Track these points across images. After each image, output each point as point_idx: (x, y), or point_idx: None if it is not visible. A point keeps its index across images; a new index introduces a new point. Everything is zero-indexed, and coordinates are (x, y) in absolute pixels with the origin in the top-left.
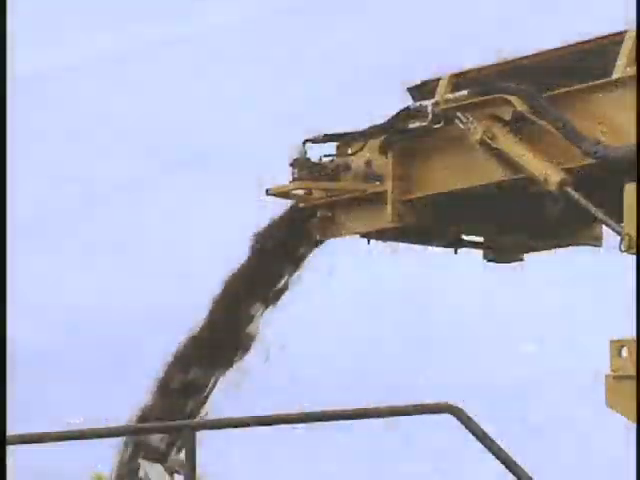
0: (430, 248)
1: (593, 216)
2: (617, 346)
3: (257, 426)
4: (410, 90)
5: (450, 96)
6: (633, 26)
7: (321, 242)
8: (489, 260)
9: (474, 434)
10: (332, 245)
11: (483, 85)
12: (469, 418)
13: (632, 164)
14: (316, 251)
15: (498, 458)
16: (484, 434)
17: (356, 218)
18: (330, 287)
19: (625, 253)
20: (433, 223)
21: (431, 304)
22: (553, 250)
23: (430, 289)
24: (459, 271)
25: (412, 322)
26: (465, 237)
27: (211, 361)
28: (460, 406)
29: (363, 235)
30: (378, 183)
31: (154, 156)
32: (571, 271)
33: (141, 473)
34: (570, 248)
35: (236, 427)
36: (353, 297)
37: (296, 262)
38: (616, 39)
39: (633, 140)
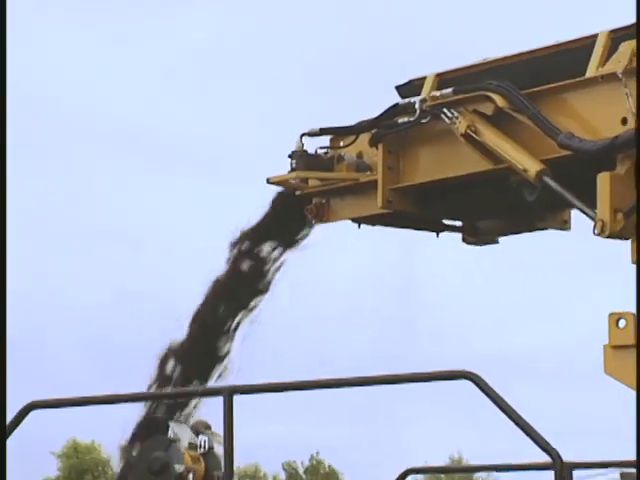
0: (414, 232)
1: (568, 203)
2: (615, 318)
3: (292, 390)
4: (398, 88)
5: (436, 93)
6: (607, 27)
7: (313, 226)
8: (468, 243)
9: (492, 399)
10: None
11: (467, 83)
12: (486, 384)
13: (603, 156)
14: (309, 235)
15: (515, 422)
16: (501, 399)
17: (348, 205)
18: (322, 268)
19: (598, 236)
20: (419, 209)
21: (415, 283)
22: (525, 234)
23: (414, 269)
24: (441, 253)
25: (401, 297)
26: (446, 222)
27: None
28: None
29: (354, 220)
30: (369, 173)
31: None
32: (541, 253)
33: (170, 433)
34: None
35: (273, 391)
36: (345, 277)
37: (289, 244)
38: (588, 42)
39: (603, 134)
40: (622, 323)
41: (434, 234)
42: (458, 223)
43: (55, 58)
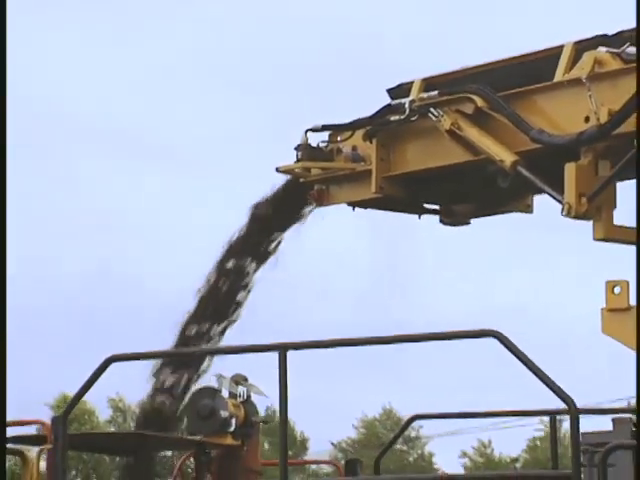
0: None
1: (539, 189)
2: (611, 285)
3: (343, 347)
4: (389, 91)
5: (424, 95)
6: (572, 39)
7: (313, 208)
8: (444, 224)
9: (516, 355)
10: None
11: (450, 86)
12: (510, 341)
13: (570, 149)
14: (309, 215)
15: (536, 374)
16: (523, 354)
17: (345, 190)
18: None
19: (566, 217)
20: (406, 194)
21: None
22: (494, 216)
23: (398, 246)
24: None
25: (389, 266)
26: (427, 206)
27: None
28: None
29: (349, 204)
30: (363, 163)
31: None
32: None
33: (216, 384)
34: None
35: (323, 347)
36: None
37: (291, 223)
38: (555, 51)
39: (569, 130)
40: (617, 289)
41: (416, 216)
42: (436, 207)
43: (53, 57)
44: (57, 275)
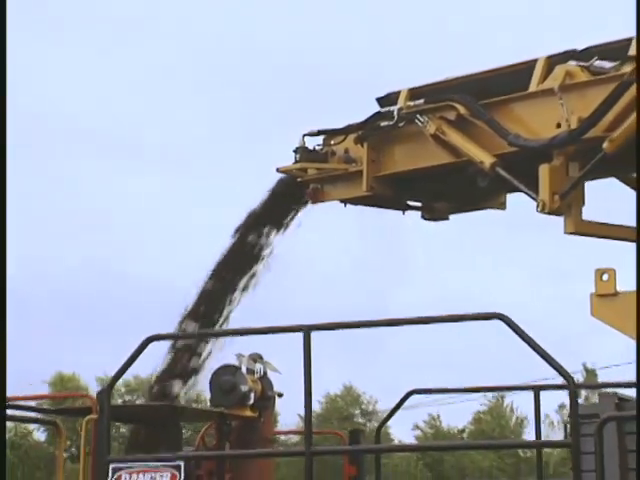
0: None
1: (516, 187)
2: (600, 273)
3: (364, 328)
4: (378, 99)
5: (410, 103)
6: (545, 53)
7: (305, 205)
8: (425, 219)
9: (520, 336)
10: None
11: (434, 95)
12: (514, 323)
13: (543, 151)
14: (303, 212)
15: (538, 353)
16: (527, 335)
17: (338, 189)
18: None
19: (541, 213)
20: (393, 192)
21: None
22: (470, 212)
23: (384, 239)
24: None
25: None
26: (410, 203)
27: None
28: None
29: (342, 201)
30: (354, 164)
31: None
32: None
33: (236, 362)
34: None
35: (346, 328)
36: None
37: (284, 222)
38: (531, 64)
39: (542, 135)
40: (605, 277)
41: (401, 212)
42: (419, 204)
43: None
44: (56, 274)
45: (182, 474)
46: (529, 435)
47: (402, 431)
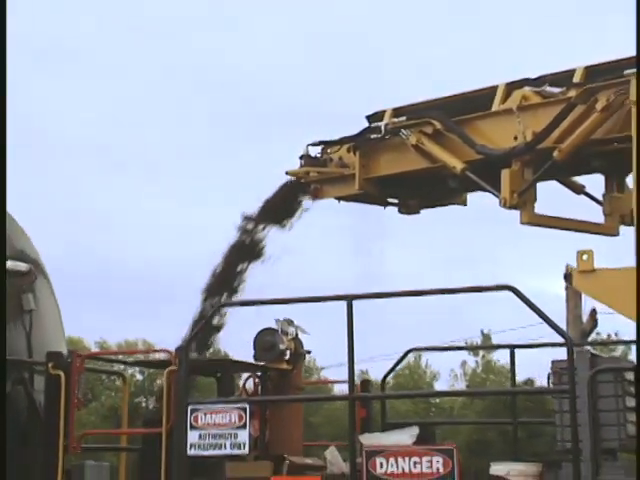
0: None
1: (482, 187)
2: (581, 253)
3: (400, 297)
4: (367, 117)
5: (395, 120)
6: (505, 80)
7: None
8: (401, 213)
9: (529, 306)
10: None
11: (415, 113)
12: (522, 293)
13: (504, 159)
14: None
15: (542, 318)
16: (532, 303)
17: (334, 188)
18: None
19: (503, 207)
20: (379, 192)
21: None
22: (437, 208)
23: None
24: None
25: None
26: (390, 200)
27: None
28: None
29: (337, 198)
30: (347, 169)
31: None
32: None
33: (275, 325)
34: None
35: (386, 297)
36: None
37: (292, 212)
38: (493, 89)
39: (503, 146)
40: (585, 257)
41: (382, 207)
42: (395, 200)
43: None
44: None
45: (248, 414)
46: (439, 387)
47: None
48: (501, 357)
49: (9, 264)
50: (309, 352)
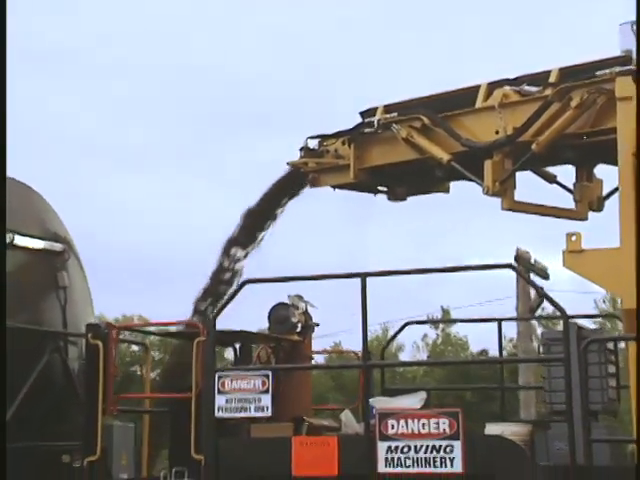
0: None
1: (466, 177)
2: (570, 235)
3: (415, 274)
4: (361, 113)
5: (387, 115)
6: (487, 80)
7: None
8: (389, 200)
9: (526, 281)
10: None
11: (405, 110)
12: (522, 271)
13: (487, 151)
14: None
15: (538, 293)
16: (531, 280)
17: (330, 177)
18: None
19: (485, 195)
20: (371, 181)
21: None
22: (422, 195)
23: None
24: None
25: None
26: (379, 188)
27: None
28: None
29: (333, 186)
30: (342, 160)
31: None
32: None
33: (288, 300)
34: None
35: (399, 274)
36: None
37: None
38: (476, 88)
39: (486, 139)
40: (574, 238)
41: (373, 195)
42: (385, 188)
43: None
44: None
45: (271, 381)
46: (403, 357)
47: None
48: (460, 330)
49: (46, 244)
50: (317, 325)
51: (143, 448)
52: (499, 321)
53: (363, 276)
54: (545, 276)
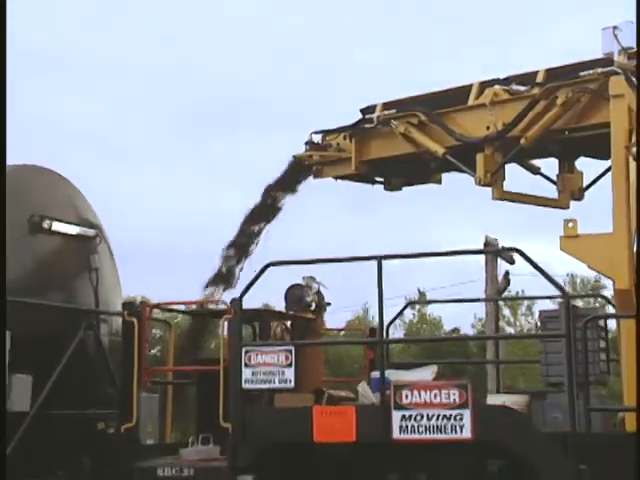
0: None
1: (460, 169)
2: (567, 221)
3: (429, 257)
4: (361, 110)
5: (386, 112)
6: (478, 79)
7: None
8: (386, 190)
9: (531, 263)
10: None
11: (403, 107)
12: (527, 254)
13: (479, 145)
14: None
15: (542, 274)
16: (534, 262)
17: (333, 169)
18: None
19: (477, 185)
20: (370, 172)
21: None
22: (416, 186)
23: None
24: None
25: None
26: (377, 179)
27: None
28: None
29: (335, 177)
30: (344, 153)
31: None
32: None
33: (302, 281)
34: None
35: (413, 257)
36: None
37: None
38: (468, 87)
39: (477, 134)
40: (570, 224)
41: (371, 185)
42: (381, 179)
43: None
44: None
45: (293, 355)
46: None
47: None
48: (434, 311)
49: (80, 230)
50: (329, 304)
51: (167, 417)
52: (496, 301)
53: (379, 259)
54: (511, 261)
